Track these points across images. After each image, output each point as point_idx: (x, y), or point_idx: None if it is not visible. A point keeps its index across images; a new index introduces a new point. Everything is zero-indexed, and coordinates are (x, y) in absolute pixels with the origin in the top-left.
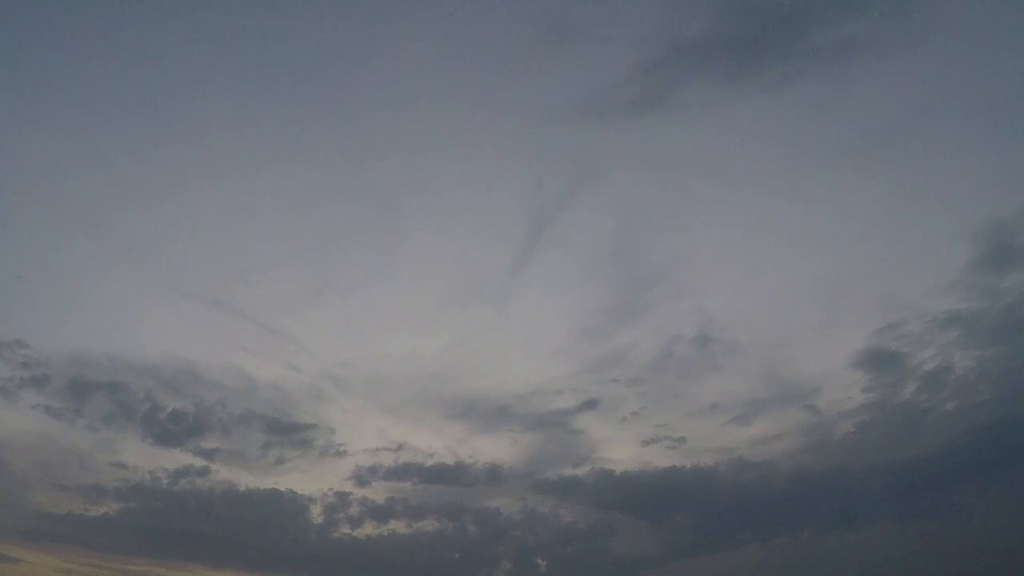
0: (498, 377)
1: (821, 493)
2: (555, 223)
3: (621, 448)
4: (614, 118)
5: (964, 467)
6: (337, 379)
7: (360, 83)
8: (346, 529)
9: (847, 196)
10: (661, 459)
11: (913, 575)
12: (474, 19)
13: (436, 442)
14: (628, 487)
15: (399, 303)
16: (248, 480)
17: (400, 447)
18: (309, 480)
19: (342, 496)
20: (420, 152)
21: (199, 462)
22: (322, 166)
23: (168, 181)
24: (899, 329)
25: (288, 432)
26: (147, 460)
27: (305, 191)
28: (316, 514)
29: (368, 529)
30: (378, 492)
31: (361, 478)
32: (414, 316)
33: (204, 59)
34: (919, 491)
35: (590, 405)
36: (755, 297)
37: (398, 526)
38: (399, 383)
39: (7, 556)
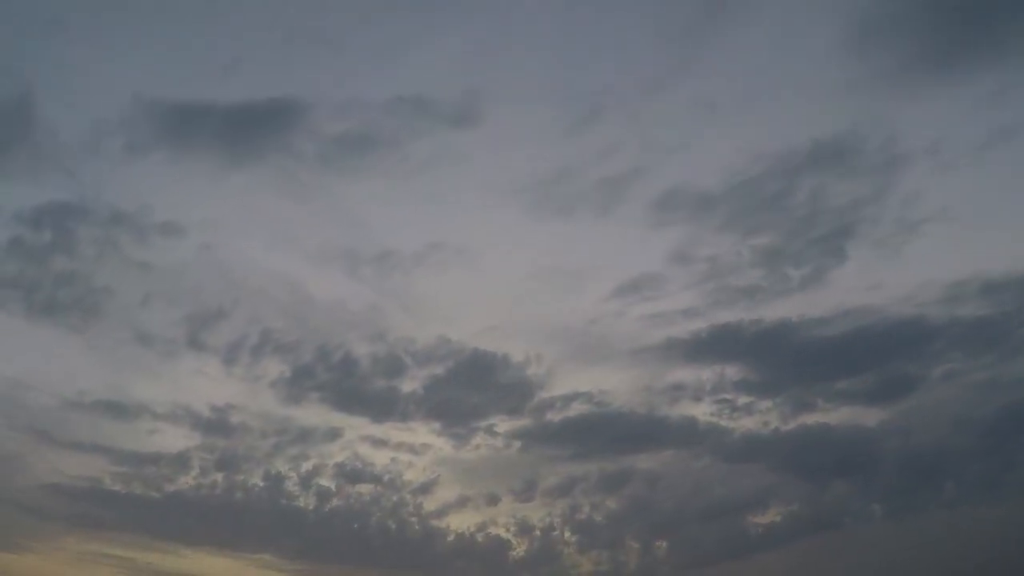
0: None
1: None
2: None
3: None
4: None
5: None
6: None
7: None
8: (469, 515)
9: None
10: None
11: None
12: None
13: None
14: (822, 447)
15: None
16: (388, 448)
17: (604, 393)
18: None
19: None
20: None
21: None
22: None
23: None
24: None
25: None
26: (264, 419)
27: None
28: (443, 495)
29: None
30: (540, 461)
31: (532, 436)
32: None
33: None
34: None
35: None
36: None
37: (529, 508)
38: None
39: (29, 548)
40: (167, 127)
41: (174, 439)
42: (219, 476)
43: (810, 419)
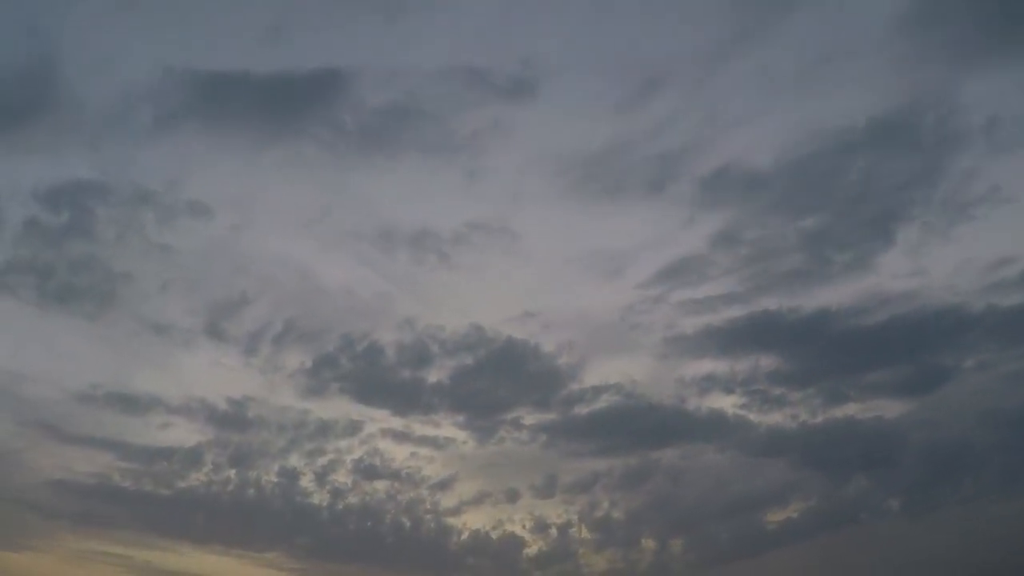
0: None
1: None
2: None
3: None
4: None
5: None
6: None
7: None
8: (486, 512)
9: None
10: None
11: None
12: None
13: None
14: (847, 441)
15: None
16: (410, 443)
17: (635, 384)
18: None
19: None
20: None
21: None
22: None
23: None
24: None
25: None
26: (281, 412)
27: None
28: (462, 490)
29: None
30: (563, 456)
31: (558, 430)
32: None
33: None
34: None
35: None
36: None
37: (548, 505)
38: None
39: (31, 546)
40: (200, 98)
41: (187, 433)
42: (232, 472)
43: (841, 412)
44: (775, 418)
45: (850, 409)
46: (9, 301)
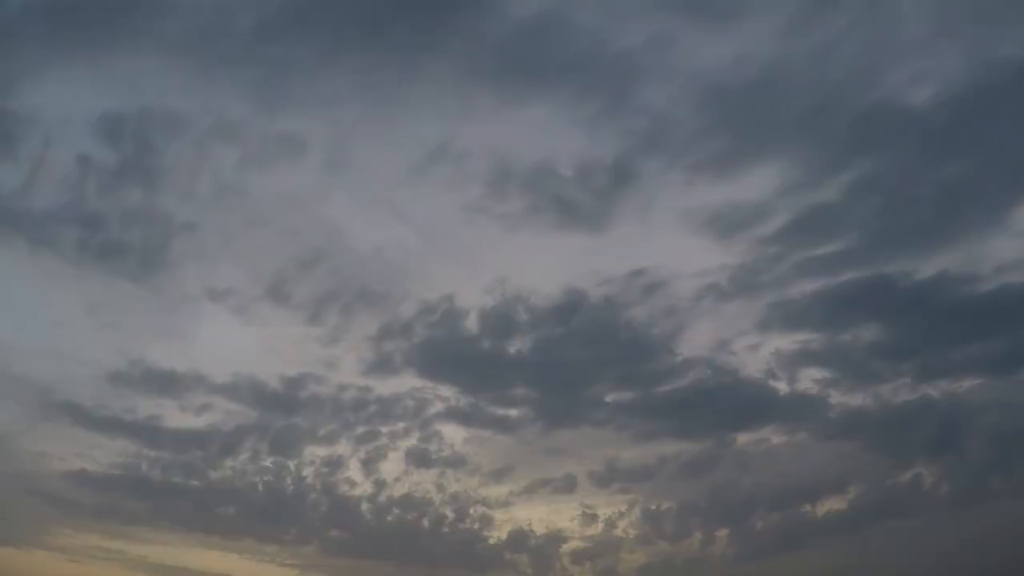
0: None
1: None
2: None
3: None
4: None
5: None
6: None
7: None
8: (538, 503)
9: None
10: None
11: None
12: None
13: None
14: (925, 422)
15: None
16: (473, 425)
17: (732, 355)
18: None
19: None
20: None
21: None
22: None
23: None
24: None
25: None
26: (338, 390)
27: None
28: (518, 478)
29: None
30: (633, 439)
31: (636, 409)
32: None
33: None
34: None
35: None
36: None
37: (603, 495)
38: None
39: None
40: (309, 6)
41: (227, 416)
42: (270, 460)
43: (929, 390)
44: (857, 398)
45: (938, 387)
46: (47, 258)
